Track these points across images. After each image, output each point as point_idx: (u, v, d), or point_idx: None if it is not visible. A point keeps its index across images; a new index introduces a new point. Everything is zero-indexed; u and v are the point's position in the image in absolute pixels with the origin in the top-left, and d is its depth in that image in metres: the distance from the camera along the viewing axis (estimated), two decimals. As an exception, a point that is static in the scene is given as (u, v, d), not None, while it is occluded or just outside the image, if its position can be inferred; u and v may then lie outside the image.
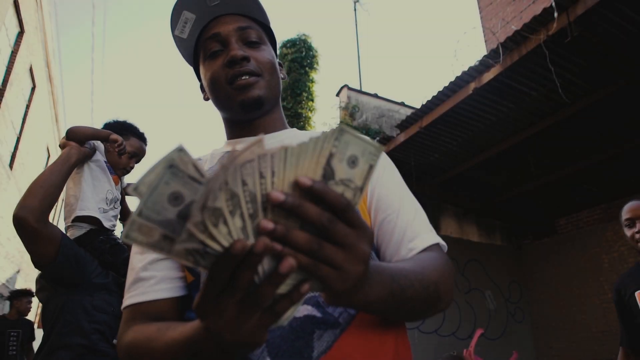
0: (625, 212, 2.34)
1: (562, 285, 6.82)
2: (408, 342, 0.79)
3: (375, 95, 7.16)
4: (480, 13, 10.14)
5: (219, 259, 0.41)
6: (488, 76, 4.13)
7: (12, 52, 9.12)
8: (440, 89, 4.51)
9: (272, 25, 0.99)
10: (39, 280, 1.70)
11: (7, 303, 11.74)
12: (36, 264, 1.58)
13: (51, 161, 14.34)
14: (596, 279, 6.39)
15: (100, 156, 1.82)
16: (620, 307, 2.28)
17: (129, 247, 1.86)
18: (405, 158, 5.50)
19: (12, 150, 10.19)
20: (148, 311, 0.72)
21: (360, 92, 7.11)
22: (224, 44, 0.88)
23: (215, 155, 0.89)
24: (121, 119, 1.99)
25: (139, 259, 0.78)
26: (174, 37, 0.94)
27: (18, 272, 12.25)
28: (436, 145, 5.30)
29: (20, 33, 9.45)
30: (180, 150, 0.39)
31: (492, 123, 4.86)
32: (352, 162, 0.43)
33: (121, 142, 1.77)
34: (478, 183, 6.27)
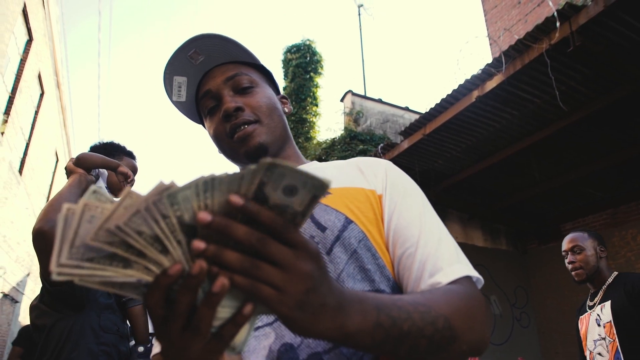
0: (562, 245, 2.50)
1: (568, 290, 6.79)
2: None
3: (380, 101, 7.18)
4: (485, 16, 10.13)
5: (154, 285, 0.41)
6: (491, 84, 4.14)
7: (21, 59, 9.25)
8: (444, 97, 4.53)
9: (264, 61, 0.99)
10: (37, 307, 1.66)
11: (18, 305, 11.89)
12: (52, 282, 1.54)
13: (60, 166, 14.52)
14: (602, 284, 6.36)
15: (101, 182, 1.84)
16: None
17: None
18: (409, 164, 5.52)
19: (22, 156, 10.34)
20: None
21: (364, 97, 7.13)
22: (217, 98, 0.88)
23: None
24: (106, 140, 2.01)
25: None
26: (173, 102, 0.95)
27: (28, 275, 12.41)
28: (440, 151, 5.32)
29: (29, 41, 9.58)
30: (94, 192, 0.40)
31: (495, 130, 4.87)
32: (290, 191, 0.42)
33: (131, 175, 1.79)
34: (482, 188, 6.27)
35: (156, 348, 0.74)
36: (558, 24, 3.49)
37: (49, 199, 13.70)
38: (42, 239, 1.46)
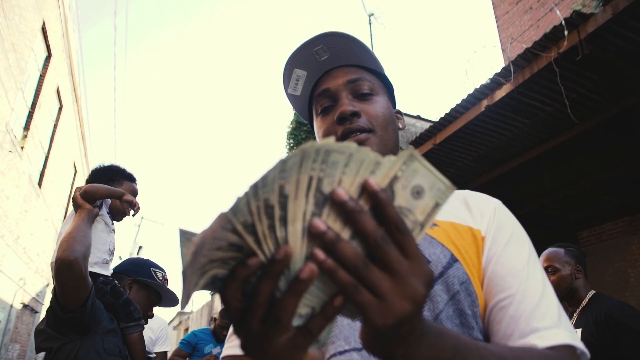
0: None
1: (586, 299, 6.66)
2: None
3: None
4: (496, 22, 10.09)
5: (230, 276, 0.39)
6: (500, 93, 4.12)
7: (41, 75, 9.50)
8: (453, 107, 4.52)
9: (385, 72, 0.95)
10: (43, 331, 1.68)
11: (37, 316, 12.08)
12: (66, 309, 1.59)
13: (78, 178, 14.79)
14: (622, 294, 6.22)
15: (104, 209, 1.89)
16: None
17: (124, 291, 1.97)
18: (420, 174, 5.51)
19: (41, 169, 10.58)
20: None
21: (375, 107, 7.15)
22: (334, 99, 0.85)
23: None
24: (107, 163, 2.07)
25: None
26: (288, 94, 0.93)
27: (47, 285, 12.64)
28: (451, 160, 5.30)
29: (48, 57, 9.84)
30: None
31: (506, 138, 4.84)
32: (417, 192, 0.39)
33: (136, 204, 1.86)
34: (496, 196, 6.19)
35: (228, 350, 0.72)
36: (566, 32, 3.47)
37: (67, 210, 13.98)
38: (68, 269, 1.49)
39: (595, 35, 3.44)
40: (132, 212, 1.92)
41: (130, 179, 2.04)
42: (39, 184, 10.36)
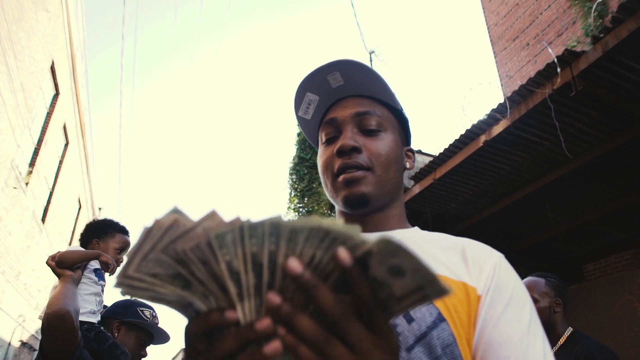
0: None
1: (595, 334, 6.51)
2: None
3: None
4: (495, 58, 10.30)
5: (204, 317, 0.39)
6: (497, 129, 4.17)
7: (48, 113, 9.70)
8: (452, 142, 4.57)
9: (401, 105, 0.90)
10: None
11: (36, 354, 11.87)
12: (59, 357, 1.60)
13: (82, 213, 14.83)
14: (631, 329, 6.09)
15: (90, 267, 1.93)
16: None
17: (111, 335, 1.97)
18: (421, 208, 5.52)
19: (45, 204, 10.64)
20: None
21: (376, 141, 7.23)
22: (339, 129, 0.82)
23: None
24: (101, 217, 2.15)
25: None
26: (298, 117, 0.91)
27: (47, 323, 12.48)
28: (452, 195, 5.31)
29: (56, 95, 10.07)
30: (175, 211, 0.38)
31: (506, 173, 4.86)
32: (396, 272, 0.37)
33: (111, 264, 1.88)
34: (499, 230, 6.19)
35: None
36: (559, 69, 3.54)
37: (72, 243, 13.96)
38: (60, 320, 1.51)
39: (588, 72, 3.50)
40: (108, 273, 1.95)
41: (123, 231, 2.11)
42: (43, 220, 10.40)
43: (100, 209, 18.73)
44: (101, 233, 2.01)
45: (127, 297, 0.41)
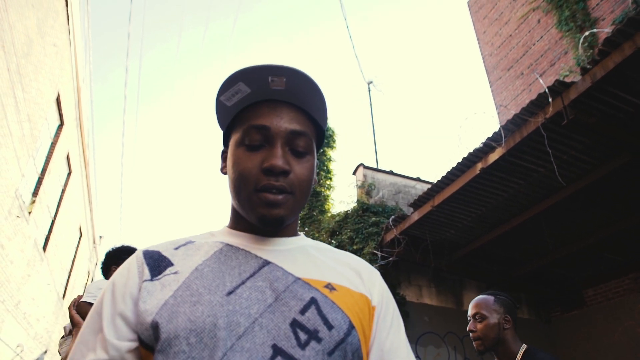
0: (469, 308, 2.32)
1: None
2: None
3: (391, 172, 7.36)
4: (491, 87, 10.54)
5: None
6: (493, 157, 4.29)
7: (52, 143, 9.85)
8: (449, 170, 4.68)
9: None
10: None
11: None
12: None
13: (83, 241, 14.79)
14: (634, 355, 6.06)
15: None
16: None
17: None
18: (421, 235, 5.58)
19: (47, 233, 10.67)
20: None
21: (376, 169, 7.34)
22: (268, 141, 0.78)
23: (212, 246, 0.79)
24: (118, 244, 2.27)
25: (81, 352, 0.70)
26: (217, 100, 0.84)
27: (45, 352, 12.32)
28: (451, 221, 5.39)
29: (60, 125, 10.25)
30: None
31: (504, 199, 4.95)
32: None
33: None
34: (498, 256, 6.24)
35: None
36: (550, 99, 3.68)
37: (70, 275, 13.91)
38: None
39: (578, 101, 3.65)
40: None
41: None
42: (44, 248, 10.41)
43: (100, 237, 18.73)
44: (119, 260, 2.12)
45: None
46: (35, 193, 9.14)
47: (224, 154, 0.88)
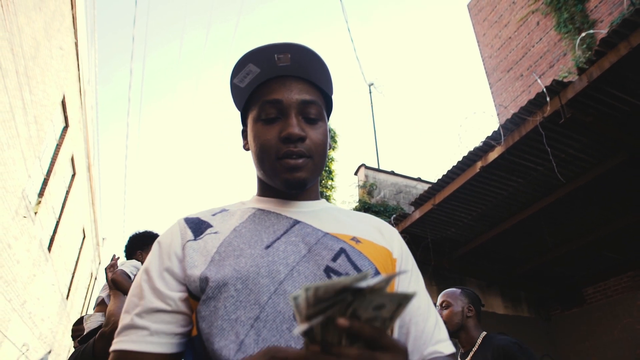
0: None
1: (596, 357, 6.55)
2: None
3: (392, 173, 7.47)
4: (490, 89, 10.65)
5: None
6: (493, 155, 4.39)
7: (57, 144, 9.97)
8: (449, 168, 4.78)
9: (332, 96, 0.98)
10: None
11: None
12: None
13: (86, 242, 14.91)
14: (632, 352, 6.14)
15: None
16: None
17: None
18: (422, 233, 5.67)
19: (51, 234, 10.78)
20: None
21: (377, 170, 7.44)
22: (282, 112, 0.85)
23: (245, 212, 0.89)
24: (142, 230, 2.36)
25: (134, 303, 0.77)
26: (231, 83, 0.92)
27: (49, 352, 12.41)
28: (451, 220, 5.48)
29: (65, 127, 10.37)
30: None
31: (504, 197, 5.04)
32: (379, 307, 0.50)
33: None
34: (499, 254, 6.32)
35: (116, 345, 0.75)
36: (548, 99, 3.78)
37: (74, 276, 14.00)
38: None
39: (575, 100, 3.75)
40: None
41: None
42: (49, 249, 10.52)
43: (104, 239, 18.83)
44: (144, 245, 2.22)
45: None
46: (41, 194, 9.25)
47: (244, 132, 0.97)
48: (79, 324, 2.32)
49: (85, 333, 2.01)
